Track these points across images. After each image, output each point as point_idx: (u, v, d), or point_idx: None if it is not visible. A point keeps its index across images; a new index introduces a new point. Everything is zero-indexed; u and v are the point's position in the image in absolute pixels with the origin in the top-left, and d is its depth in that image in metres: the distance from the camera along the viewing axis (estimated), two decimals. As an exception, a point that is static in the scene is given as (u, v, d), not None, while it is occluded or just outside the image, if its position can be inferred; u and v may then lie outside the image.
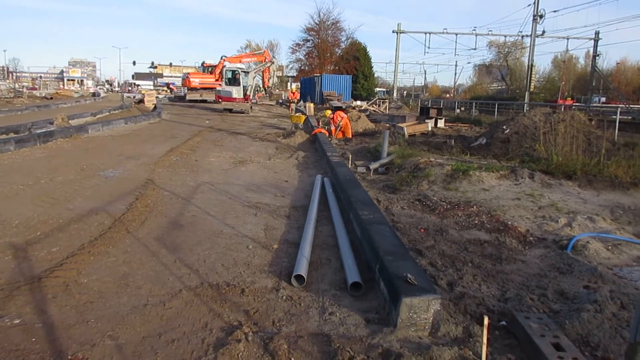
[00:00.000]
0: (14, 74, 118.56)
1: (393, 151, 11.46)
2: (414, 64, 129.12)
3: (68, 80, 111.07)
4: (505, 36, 49.62)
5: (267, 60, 34.36)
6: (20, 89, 55.44)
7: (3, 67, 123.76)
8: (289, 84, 59.65)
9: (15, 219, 5.80)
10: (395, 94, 50.92)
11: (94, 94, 58.37)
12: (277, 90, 33.69)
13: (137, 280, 4.22)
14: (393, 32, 46.21)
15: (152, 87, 74.67)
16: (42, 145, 12.16)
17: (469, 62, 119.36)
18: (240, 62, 38.43)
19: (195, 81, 42.08)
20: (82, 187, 7.73)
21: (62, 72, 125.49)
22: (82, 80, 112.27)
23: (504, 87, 65.24)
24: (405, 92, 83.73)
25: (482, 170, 8.49)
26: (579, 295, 3.96)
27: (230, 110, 28.47)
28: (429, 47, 46.66)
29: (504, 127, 12.85)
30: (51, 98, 44.33)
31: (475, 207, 6.83)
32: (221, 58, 39.17)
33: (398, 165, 10.09)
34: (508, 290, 4.18)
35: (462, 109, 39.08)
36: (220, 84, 39.69)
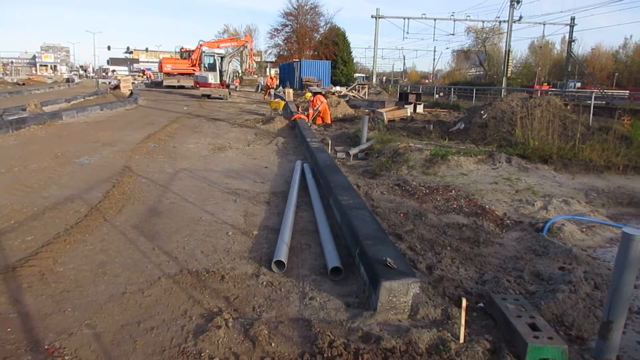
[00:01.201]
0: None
1: (372, 136, 11.47)
2: (393, 50, 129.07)
3: (41, 65, 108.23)
4: (483, 22, 50.06)
5: (248, 46, 33.84)
6: (-9, 75, 53.93)
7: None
8: (267, 69, 59.08)
9: (-13, 208, 5.66)
10: (374, 80, 50.94)
11: (68, 80, 57.05)
12: (253, 75, 32.65)
13: (115, 268, 4.17)
14: (372, 17, 46.12)
15: (128, 73, 73.24)
16: (14, 132, 11.85)
17: (447, 48, 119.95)
18: (218, 47, 37.90)
19: (167, 67, 41.32)
20: (57, 174, 7.57)
21: (34, 57, 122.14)
22: (55, 66, 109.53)
23: (482, 72, 65.76)
24: (384, 78, 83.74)
25: (460, 155, 8.57)
26: (554, 276, 4.04)
27: (208, 96, 28.15)
28: (407, 33, 47.16)
29: (482, 112, 12.96)
30: (23, 84, 43.15)
31: (453, 191, 6.90)
32: (199, 43, 38.58)
33: (377, 151, 10.11)
34: (486, 272, 4.24)
35: (441, 94, 39.29)
36: (194, 70, 39.18)
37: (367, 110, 20.46)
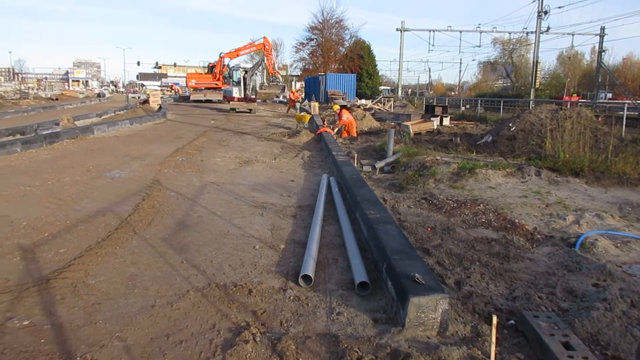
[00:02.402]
0: (20, 75, 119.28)
1: (399, 150, 11.43)
2: (419, 62, 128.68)
3: (73, 81, 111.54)
4: (509, 33, 49.45)
5: (267, 47, 33.91)
6: (26, 90, 55.74)
7: (9, 68, 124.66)
8: (293, 82, 59.59)
9: (23, 221, 5.83)
10: (400, 92, 50.89)
11: (99, 95, 58.58)
12: (272, 87, 31.72)
13: (145, 281, 4.23)
14: (397, 30, 46.28)
15: (159, 88, 74.99)
16: (48, 147, 12.22)
17: (473, 60, 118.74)
18: (237, 55, 38.20)
19: (192, 82, 42.10)
20: (89, 188, 7.76)
21: (67, 73, 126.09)
22: (87, 81, 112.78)
23: (509, 84, 65.04)
24: (409, 90, 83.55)
25: (488, 168, 8.46)
26: (588, 293, 3.93)
27: (235, 110, 28.52)
28: (433, 45, 46.79)
29: (510, 124, 12.80)
30: (56, 99, 44.51)
31: (482, 205, 6.81)
32: (219, 55, 39.06)
33: (404, 164, 10.06)
34: (516, 288, 4.16)
35: (468, 106, 38.97)
36: (217, 84, 39.68)
37: (392, 123, 20.40)
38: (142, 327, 3.44)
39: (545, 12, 35.83)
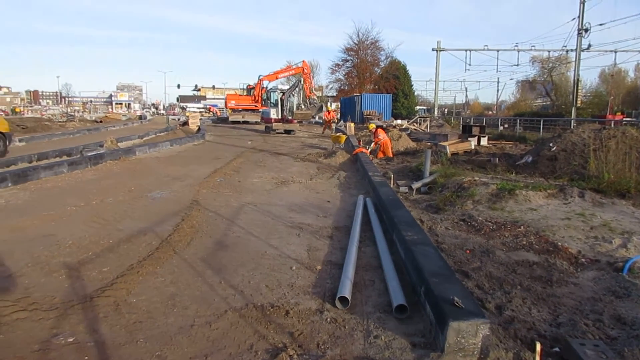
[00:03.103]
0: (67, 98, 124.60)
1: (435, 170, 11.32)
2: (455, 81, 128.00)
3: (116, 103, 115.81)
4: (548, 51, 48.45)
5: (306, 71, 34.36)
6: (72, 113, 58.09)
7: (56, 92, 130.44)
8: (328, 103, 60.02)
9: (68, 239, 6.04)
10: (436, 112, 50.49)
11: (140, 117, 60.54)
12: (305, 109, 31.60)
13: (184, 300, 4.30)
14: (433, 50, 46.04)
15: (201, 110, 77.02)
16: (92, 167, 12.66)
17: (511, 79, 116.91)
18: (277, 77, 38.83)
19: (231, 103, 43.07)
20: (131, 208, 7.98)
21: (110, 96, 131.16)
22: (129, 104, 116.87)
23: (548, 103, 63.64)
24: (446, 110, 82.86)
25: (528, 189, 8.27)
26: (638, 320, 3.77)
27: (272, 130, 28.80)
28: (469, 64, 46.23)
29: (551, 144, 12.51)
30: (100, 121, 46.14)
31: (522, 227, 6.65)
32: (258, 78, 39.82)
33: (441, 185, 9.95)
34: (560, 314, 4.02)
35: (506, 126, 38.34)
36: (256, 106, 40.39)
37: (429, 144, 20.26)
38: (182, 347, 3.49)
39: (586, 30, 35.04)
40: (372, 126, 19.42)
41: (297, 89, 31.19)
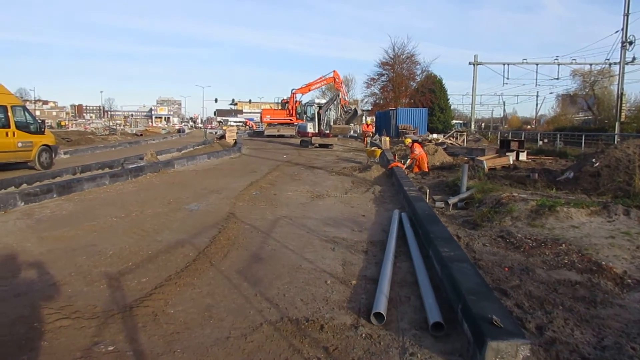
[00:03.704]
0: (109, 112, 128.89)
1: (473, 185, 11.14)
2: (492, 95, 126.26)
3: (156, 117, 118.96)
4: (590, 64, 47.33)
5: (337, 81, 34.43)
6: (114, 127, 59.95)
7: (99, 106, 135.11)
8: (363, 117, 60.04)
9: (109, 250, 6.21)
10: (472, 126, 49.84)
11: (179, 131, 62.01)
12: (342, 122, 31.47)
13: (220, 312, 4.35)
14: (470, 63, 45.65)
15: (238, 123, 78.49)
16: (133, 180, 13.01)
17: (551, 92, 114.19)
18: (309, 90, 39.08)
19: (267, 117, 43.66)
20: (169, 219, 8.15)
21: (150, 110, 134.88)
22: (168, 118, 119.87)
23: (590, 117, 61.80)
24: (483, 124, 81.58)
25: (570, 206, 8.04)
26: (689, 346, 3.59)
27: (310, 144, 28.84)
28: (507, 78, 45.60)
29: (593, 160, 12.14)
30: (141, 135, 47.45)
31: (564, 245, 6.46)
32: (291, 92, 40.21)
33: (478, 200, 9.78)
34: (605, 337, 3.87)
35: (545, 140, 37.41)
36: (291, 119, 40.75)
37: (466, 158, 19.97)
38: (217, 358, 3.52)
39: (630, 43, 33.98)
40: (409, 141, 19.32)
41: (335, 102, 31.12)
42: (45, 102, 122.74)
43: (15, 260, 5.78)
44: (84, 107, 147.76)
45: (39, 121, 17.00)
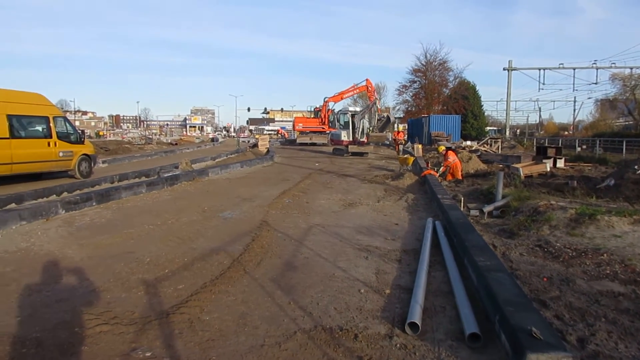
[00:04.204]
0: (145, 122, 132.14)
1: (508, 193, 10.92)
2: (527, 101, 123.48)
3: (190, 126, 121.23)
4: (631, 68, 45.83)
5: (370, 89, 34.39)
6: (150, 136, 61.36)
7: (136, 116, 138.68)
8: (395, 125, 59.63)
9: (147, 257, 6.34)
10: (507, 133, 48.98)
11: (212, 139, 63.00)
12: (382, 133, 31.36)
13: (255, 320, 4.37)
14: (504, 69, 45.12)
15: (270, 132, 79.33)
16: (169, 188, 13.27)
17: (589, 97, 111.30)
18: (342, 98, 39.23)
19: (299, 125, 44.02)
20: (204, 227, 8.27)
21: (185, 119, 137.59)
22: (202, 127, 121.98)
23: (631, 122, 59.86)
24: (518, 131, 79.98)
25: (611, 215, 7.78)
26: None
27: (345, 153, 28.76)
28: (543, 84, 44.78)
29: (636, 166, 11.75)
30: (176, 144, 48.43)
31: (605, 255, 6.25)
32: (324, 100, 40.37)
33: (514, 209, 9.57)
34: (651, 351, 3.72)
35: (584, 147, 36.43)
36: (323, 128, 40.89)
37: (501, 166, 19.60)
38: (252, 366, 3.54)
39: (673, 45, 32.86)
40: (442, 148, 19.09)
41: (372, 110, 30.92)
42: (85, 113, 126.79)
43: (57, 267, 5.97)
44: (121, 117, 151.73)
45: (79, 131, 17.54)
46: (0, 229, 7.79)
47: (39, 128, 15.12)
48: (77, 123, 78.16)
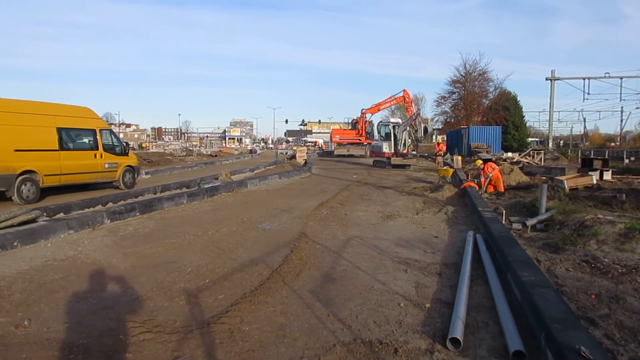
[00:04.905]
0: (186, 134, 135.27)
1: (552, 206, 10.60)
2: (571, 112, 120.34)
3: (229, 138, 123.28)
4: (682, 77, 44.04)
5: (407, 100, 34.14)
6: (191, 148, 62.74)
7: (177, 129, 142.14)
8: (434, 136, 58.95)
9: (188, 267, 6.46)
10: (550, 144, 47.71)
11: (251, 151, 63.85)
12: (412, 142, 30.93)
13: (294, 331, 4.38)
14: (546, 79, 44.05)
15: (308, 143, 79.85)
16: (209, 199, 13.51)
17: (637, 107, 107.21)
18: (379, 110, 39.08)
19: (336, 137, 44.17)
20: (243, 238, 8.37)
21: (224, 131, 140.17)
22: (241, 139, 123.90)
23: (684, 133, 57.39)
24: (561, 142, 77.83)
25: (664, 230, 7.44)
26: None
27: (388, 165, 28.49)
28: (588, 93, 43.48)
29: (689, 179, 11.21)
30: (215, 155, 49.38)
31: (658, 272, 5.97)
32: (361, 112, 40.35)
33: (559, 222, 9.28)
34: None
35: (632, 158, 35.08)
36: (360, 139, 40.84)
37: (544, 178, 19.07)
38: (292, 378, 3.54)
39: None
40: (479, 162, 18.69)
41: (417, 121, 30.49)
42: (128, 125, 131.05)
43: (103, 275, 6.15)
44: (163, 130, 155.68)
45: (124, 143, 18.10)
46: (50, 237, 8.11)
47: (86, 140, 15.70)
48: (121, 135, 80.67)
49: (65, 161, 14.38)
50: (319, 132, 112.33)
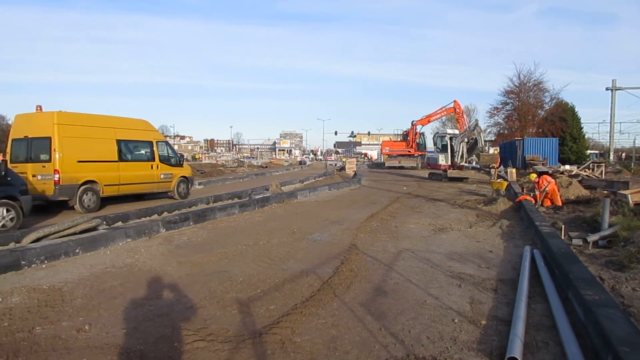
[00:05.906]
0: (237, 146, 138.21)
1: (616, 222, 10.07)
2: (634, 123, 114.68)
3: (279, 150, 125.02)
4: None
5: (458, 111, 33.40)
6: (242, 159, 63.98)
7: (229, 140, 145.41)
8: (486, 148, 57.44)
9: (240, 276, 6.54)
10: (611, 157, 45.60)
11: (300, 163, 64.47)
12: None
13: (345, 344, 4.33)
14: (607, 89, 42.24)
15: (357, 155, 79.76)
16: (259, 210, 13.69)
17: None
18: (429, 121, 38.48)
19: (386, 149, 43.98)
20: (294, 249, 8.40)
21: (274, 143, 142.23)
22: (290, 150, 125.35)
23: None
24: (623, 154, 74.14)
25: None
26: None
27: (445, 177, 27.93)
28: (653, 103, 41.24)
29: None
30: (266, 167, 50.12)
31: None
32: (411, 123, 39.95)
33: (624, 238, 8.79)
34: None
35: None
36: (409, 151, 40.39)
37: (606, 192, 18.19)
38: (344, 392, 3.49)
39: None
40: (533, 176, 18.00)
41: (476, 132, 29.55)
42: (182, 137, 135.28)
43: (159, 283, 6.32)
44: (215, 141, 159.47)
45: (179, 155, 18.66)
46: (109, 245, 8.43)
47: (144, 152, 16.29)
48: (175, 147, 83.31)
49: (124, 172, 14.98)
50: (368, 144, 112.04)
